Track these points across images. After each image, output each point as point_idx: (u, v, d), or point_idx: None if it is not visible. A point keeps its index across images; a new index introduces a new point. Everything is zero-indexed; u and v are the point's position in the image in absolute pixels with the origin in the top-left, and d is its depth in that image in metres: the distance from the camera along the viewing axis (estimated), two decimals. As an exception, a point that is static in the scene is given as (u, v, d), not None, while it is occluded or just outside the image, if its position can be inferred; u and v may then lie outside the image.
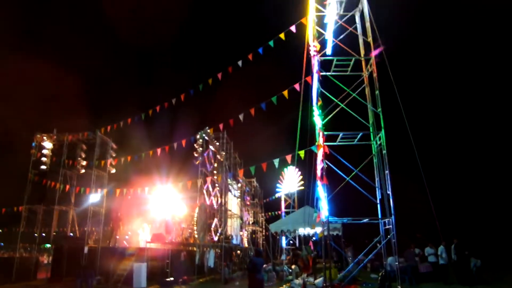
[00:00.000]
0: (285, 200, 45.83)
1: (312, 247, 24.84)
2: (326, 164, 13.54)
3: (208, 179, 25.12)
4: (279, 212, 46.31)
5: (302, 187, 39.54)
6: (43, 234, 25.34)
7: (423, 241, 21.44)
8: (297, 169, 39.00)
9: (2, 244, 44.97)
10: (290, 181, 43.89)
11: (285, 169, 40.52)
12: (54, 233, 24.93)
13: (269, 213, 48.54)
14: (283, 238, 30.94)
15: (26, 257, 27.83)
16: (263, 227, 44.58)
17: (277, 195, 46.16)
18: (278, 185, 44.18)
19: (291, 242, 33.29)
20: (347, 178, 13.73)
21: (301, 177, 40.21)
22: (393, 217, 13.32)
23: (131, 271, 19.09)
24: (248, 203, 40.59)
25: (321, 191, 13.47)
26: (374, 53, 15.33)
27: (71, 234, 25.37)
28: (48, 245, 30.24)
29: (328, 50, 16.38)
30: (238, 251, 33.50)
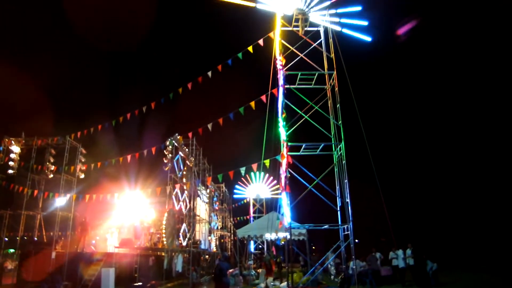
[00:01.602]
0: (253, 205, 46.65)
1: (274, 252, 25.56)
2: (290, 173, 14.30)
3: (177, 185, 25.51)
4: (248, 217, 47.06)
5: (272, 194, 40.45)
6: (6, 239, 25.11)
7: (387, 245, 22.37)
8: (267, 176, 39.80)
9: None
10: (258, 186, 44.78)
11: (252, 173, 41.23)
12: (18, 238, 24.74)
13: (238, 218, 49.16)
14: (251, 243, 31.58)
15: (-9, 262, 27.42)
16: (232, 232, 45.08)
17: (245, 200, 46.94)
18: (240, 188, 44.92)
19: (260, 246, 33.95)
20: (310, 187, 14.53)
21: (271, 184, 41.17)
22: (351, 223, 14.17)
23: (99, 276, 19.26)
24: (217, 208, 41.03)
25: (284, 199, 14.21)
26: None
27: (36, 238, 25.19)
28: (12, 250, 29.88)
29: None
30: (207, 256, 33.88)
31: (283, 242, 20.78)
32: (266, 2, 17.59)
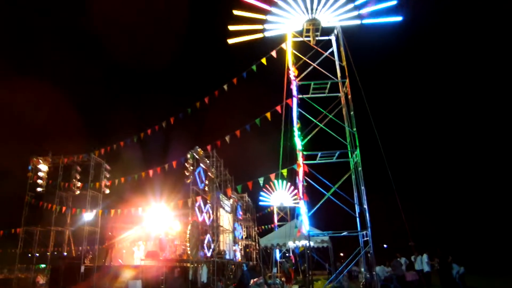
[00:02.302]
0: (278, 214, 46.66)
1: (293, 260, 25.58)
2: (306, 182, 14.49)
3: (200, 197, 25.89)
4: (272, 225, 47.06)
5: (294, 202, 40.49)
6: (37, 254, 25.93)
7: (415, 249, 22.14)
8: (289, 184, 39.89)
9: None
10: (281, 194, 44.80)
11: (277, 180, 41.32)
12: (49, 253, 25.52)
13: (262, 227, 49.21)
14: (277, 251, 31.68)
15: (23, 277, 28.31)
16: (256, 241, 45.14)
17: (269, 208, 47.02)
18: (263, 196, 45.06)
19: (287, 255, 33.94)
20: (328, 194, 14.67)
21: (292, 192, 41.24)
22: (369, 229, 14.23)
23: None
24: (240, 217, 41.24)
25: (302, 207, 14.40)
26: None
27: (65, 253, 25.93)
28: (43, 265, 30.77)
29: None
30: (232, 266, 34.07)
31: (302, 250, 20.80)
32: (274, 27, 18.09)
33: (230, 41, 18.31)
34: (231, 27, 18.09)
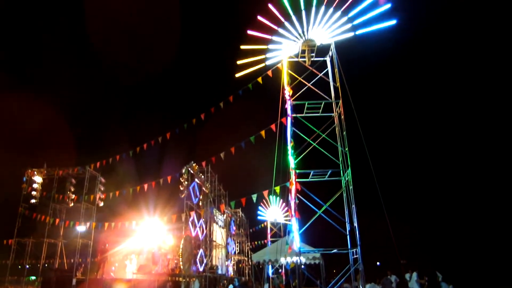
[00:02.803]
0: (271, 229, 46.74)
1: (284, 276, 25.69)
2: (299, 199, 14.77)
3: (193, 211, 26.04)
4: (265, 241, 47.09)
5: (285, 219, 40.74)
6: (27, 266, 25.87)
7: (406, 267, 22.30)
8: (282, 201, 40.09)
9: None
10: (275, 210, 44.97)
11: (271, 196, 41.51)
12: (40, 265, 25.46)
13: (255, 242, 49.22)
14: (269, 267, 31.71)
15: (14, 290, 28.19)
16: (249, 256, 45.09)
17: (263, 223, 47.12)
18: (260, 211, 45.23)
19: (279, 270, 33.95)
20: (319, 212, 14.95)
21: (284, 209, 41.49)
22: (359, 247, 14.49)
23: (118, 302, 19.83)
24: (234, 233, 41.26)
25: (294, 224, 14.66)
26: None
27: (56, 266, 25.87)
28: (33, 278, 30.64)
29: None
30: (224, 281, 34.03)
31: (292, 266, 20.97)
32: (274, 54, 18.81)
33: (238, 75, 19.38)
34: (239, 62, 19.17)
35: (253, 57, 18.83)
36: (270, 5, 17.78)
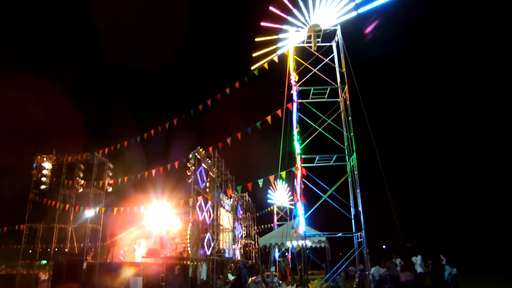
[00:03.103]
0: (277, 213, 47.13)
1: (290, 259, 26.05)
2: (304, 184, 14.98)
3: (201, 196, 26.35)
4: (272, 225, 47.56)
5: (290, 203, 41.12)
6: (39, 251, 26.39)
7: (412, 250, 22.52)
8: (287, 186, 40.40)
9: (-1, 261, 45.73)
10: (281, 194, 45.30)
11: (277, 180, 41.75)
12: (51, 250, 25.98)
13: (262, 226, 49.73)
14: (276, 250, 32.10)
15: (27, 273, 28.74)
16: (255, 240, 45.59)
17: (270, 207, 47.51)
18: (269, 195, 45.62)
19: (286, 254, 34.38)
20: (324, 196, 15.15)
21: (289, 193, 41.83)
22: (363, 231, 14.72)
23: (127, 285, 20.26)
24: (240, 217, 41.71)
25: (300, 209, 14.89)
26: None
27: (67, 250, 26.38)
28: (45, 262, 31.26)
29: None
30: (231, 264, 34.54)
31: (298, 250, 21.26)
32: (283, 44, 18.90)
33: (253, 67, 19.62)
34: (255, 54, 19.39)
35: (265, 48, 18.98)
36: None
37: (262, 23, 18.48)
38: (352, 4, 17.34)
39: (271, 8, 18.12)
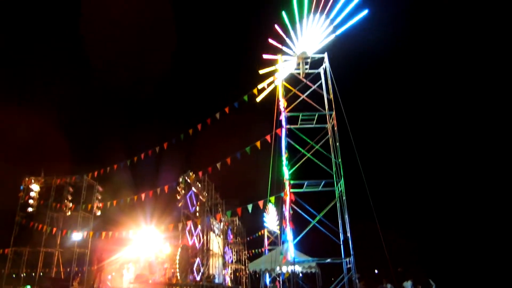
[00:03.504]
0: (268, 238, 46.82)
1: (278, 286, 25.82)
2: (293, 209, 15.01)
3: (190, 220, 26.21)
4: (263, 249, 47.15)
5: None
6: (23, 275, 25.94)
7: (403, 275, 22.42)
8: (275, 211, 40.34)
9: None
10: (272, 218, 45.15)
11: (269, 204, 41.61)
12: (36, 275, 25.53)
13: (253, 251, 49.27)
14: (267, 275, 31.77)
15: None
16: (246, 265, 45.14)
17: (260, 231, 47.20)
18: (264, 219, 45.49)
19: (277, 279, 34.03)
20: (313, 222, 15.17)
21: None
22: (352, 257, 14.71)
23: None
24: (231, 241, 41.38)
25: (289, 234, 14.88)
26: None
27: (53, 275, 25.95)
28: (29, 287, 30.66)
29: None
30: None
31: (287, 276, 21.11)
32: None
33: (258, 99, 19.80)
34: (259, 86, 19.52)
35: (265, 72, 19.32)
36: (276, 26, 18.35)
37: (265, 56, 19.01)
38: (331, 27, 17.75)
39: (270, 40, 18.59)
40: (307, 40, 18.16)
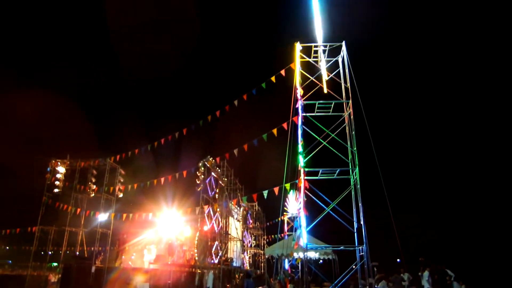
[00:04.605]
0: (288, 223, 47.08)
1: (290, 271, 26.07)
2: (307, 197, 15.19)
3: (209, 205, 26.65)
4: (282, 235, 47.47)
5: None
6: (50, 253, 26.93)
7: (425, 264, 22.25)
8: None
9: (10, 261, 46.56)
10: (293, 204, 45.28)
11: (291, 191, 41.71)
12: (61, 253, 26.51)
13: (272, 236, 49.67)
14: (286, 261, 32.09)
15: (37, 275, 29.25)
16: (264, 250, 45.55)
17: (279, 217, 47.45)
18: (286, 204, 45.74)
19: (293, 263, 34.32)
20: (327, 209, 15.32)
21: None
22: (365, 245, 14.82)
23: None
24: (250, 226, 41.83)
25: (302, 221, 15.09)
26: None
27: (77, 253, 26.89)
28: (55, 264, 31.84)
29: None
30: (240, 273, 34.58)
31: (299, 262, 21.35)
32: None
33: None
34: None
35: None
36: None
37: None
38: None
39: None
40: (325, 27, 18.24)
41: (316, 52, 18.37)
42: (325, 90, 17.95)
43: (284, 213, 46.07)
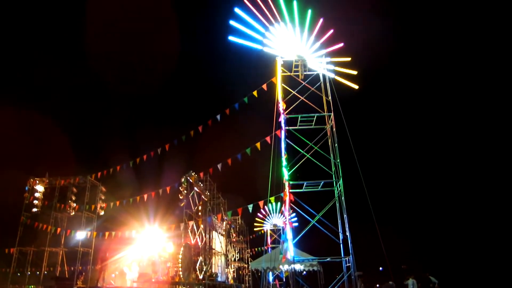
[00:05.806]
0: (271, 236, 46.98)
1: (277, 285, 26.07)
2: (292, 209, 15.28)
3: (193, 220, 26.47)
4: (266, 247, 47.32)
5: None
6: (28, 274, 26.23)
7: (408, 271, 22.43)
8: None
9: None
10: (275, 217, 45.32)
11: (269, 204, 41.81)
12: (40, 274, 25.85)
13: (255, 249, 49.47)
14: (270, 274, 32.01)
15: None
16: (249, 263, 45.31)
17: (262, 230, 47.41)
18: (258, 220, 45.71)
19: (281, 276, 34.25)
20: (313, 221, 15.42)
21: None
22: (351, 256, 14.96)
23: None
24: (234, 240, 41.60)
25: (288, 234, 15.15)
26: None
27: (56, 274, 26.26)
28: (33, 286, 31.02)
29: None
30: (224, 289, 34.28)
31: (286, 275, 21.37)
32: (271, 46, 19.17)
33: (231, 38, 18.86)
34: (232, 22, 18.64)
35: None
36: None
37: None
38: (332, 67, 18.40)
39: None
40: (308, 53, 18.58)
41: (297, 66, 18.63)
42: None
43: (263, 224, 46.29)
